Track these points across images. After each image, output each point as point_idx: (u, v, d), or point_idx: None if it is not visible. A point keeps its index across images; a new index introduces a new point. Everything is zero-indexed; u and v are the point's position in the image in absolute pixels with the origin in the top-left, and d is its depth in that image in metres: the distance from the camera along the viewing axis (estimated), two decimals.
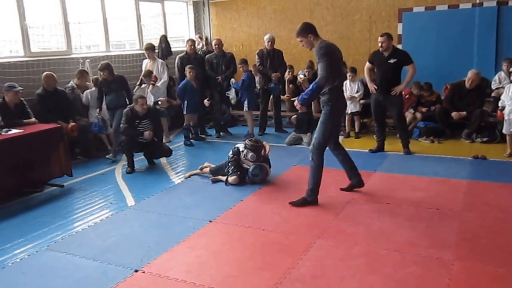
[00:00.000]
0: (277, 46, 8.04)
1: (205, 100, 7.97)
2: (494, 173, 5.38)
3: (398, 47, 7.85)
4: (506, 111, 6.00)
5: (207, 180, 5.52)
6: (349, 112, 7.59)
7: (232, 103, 8.15)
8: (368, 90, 6.64)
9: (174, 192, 5.26)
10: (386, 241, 3.70)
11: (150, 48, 7.79)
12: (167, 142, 7.32)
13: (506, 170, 5.48)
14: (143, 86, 7.47)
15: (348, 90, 7.64)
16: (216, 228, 4.15)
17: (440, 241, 3.66)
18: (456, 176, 5.28)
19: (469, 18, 7.84)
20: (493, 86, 7.33)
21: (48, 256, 3.73)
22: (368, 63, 6.51)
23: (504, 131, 6.14)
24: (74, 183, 5.66)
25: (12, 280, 3.38)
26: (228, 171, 5.34)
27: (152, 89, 7.39)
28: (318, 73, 4.26)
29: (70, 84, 6.98)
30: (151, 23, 9.33)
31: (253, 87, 7.90)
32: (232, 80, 7.94)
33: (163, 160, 6.55)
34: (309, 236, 3.85)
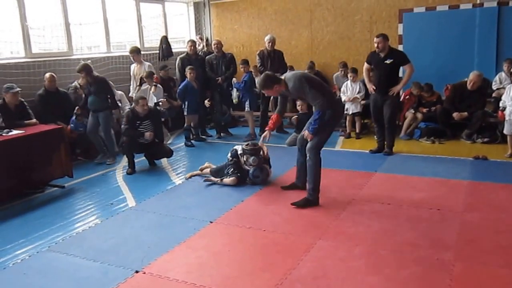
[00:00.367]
0: (277, 46, 8.04)
1: (206, 101, 7.97)
2: (495, 173, 5.37)
3: (398, 47, 7.89)
4: (507, 112, 5.99)
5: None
6: (350, 113, 7.60)
7: (234, 103, 8.14)
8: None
9: (174, 192, 5.26)
10: (387, 242, 3.70)
11: (135, 51, 7.62)
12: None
13: (507, 171, 5.48)
14: (143, 87, 7.47)
15: (349, 90, 7.65)
16: (216, 229, 4.15)
17: (441, 241, 3.66)
18: (457, 177, 5.27)
19: (470, 18, 7.83)
20: (494, 87, 7.33)
21: (49, 257, 3.73)
22: (366, 63, 6.51)
23: (505, 132, 6.13)
24: (75, 184, 5.67)
25: (13, 281, 3.39)
26: (228, 173, 5.34)
27: (154, 90, 7.40)
28: (313, 103, 4.39)
29: (73, 84, 6.99)
30: (152, 24, 9.34)
31: (254, 87, 7.90)
32: (234, 80, 7.95)
33: (164, 161, 6.55)
34: (309, 236, 3.85)
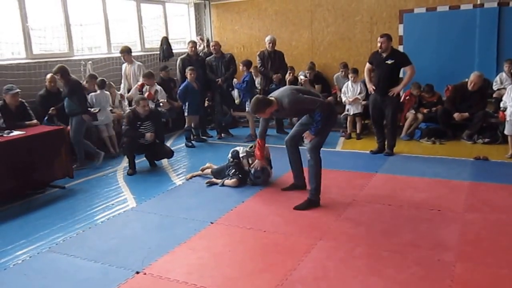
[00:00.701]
0: (278, 47, 8.04)
1: (205, 101, 7.97)
2: (495, 174, 5.37)
3: (398, 48, 7.88)
4: (508, 112, 5.99)
5: None
6: (351, 114, 7.59)
7: (236, 103, 8.14)
8: None
9: (175, 193, 5.26)
10: (388, 243, 3.69)
11: (125, 51, 7.48)
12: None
13: (508, 171, 5.47)
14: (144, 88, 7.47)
15: (350, 91, 7.63)
16: (217, 229, 4.15)
17: (442, 242, 3.65)
18: (458, 177, 5.27)
19: (470, 19, 7.83)
20: (495, 87, 7.32)
21: (50, 258, 3.74)
22: (368, 63, 6.51)
23: (506, 132, 6.13)
24: (75, 185, 5.67)
25: (13, 281, 3.39)
26: (229, 174, 5.34)
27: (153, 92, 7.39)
28: (313, 107, 4.37)
29: None
30: (153, 24, 9.36)
31: (254, 88, 7.90)
32: (235, 81, 7.94)
33: (164, 161, 6.55)
34: (310, 237, 3.85)
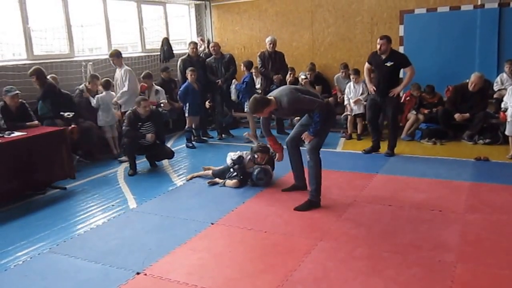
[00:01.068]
0: (278, 48, 8.05)
1: (206, 102, 7.97)
2: (496, 174, 5.36)
3: (399, 49, 7.88)
4: (508, 113, 5.98)
5: None
6: (352, 114, 7.59)
7: (233, 100, 8.13)
8: None
9: (176, 194, 5.26)
10: (388, 243, 3.69)
11: (114, 55, 7.01)
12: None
13: (509, 172, 5.46)
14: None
15: (352, 92, 7.62)
16: (218, 230, 4.15)
17: (443, 243, 3.65)
18: (459, 178, 5.26)
19: (471, 19, 7.82)
20: (495, 88, 7.31)
21: (50, 259, 3.74)
22: (367, 63, 6.51)
23: (506, 133, 6.12)
24: (76, 186, 5.67)
25: (14, 282, 3.39)
26: (230, 176, 5.34)
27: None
28: (312, 108, 4.40)
29: (81, 86, 6.98)
30: (153, 25, 9.36)
31: (254, 88, 7.89)
32: (234, 82, 7.93)
33: (165, 162, 6.55)
34: (310, 238, 3.84)
